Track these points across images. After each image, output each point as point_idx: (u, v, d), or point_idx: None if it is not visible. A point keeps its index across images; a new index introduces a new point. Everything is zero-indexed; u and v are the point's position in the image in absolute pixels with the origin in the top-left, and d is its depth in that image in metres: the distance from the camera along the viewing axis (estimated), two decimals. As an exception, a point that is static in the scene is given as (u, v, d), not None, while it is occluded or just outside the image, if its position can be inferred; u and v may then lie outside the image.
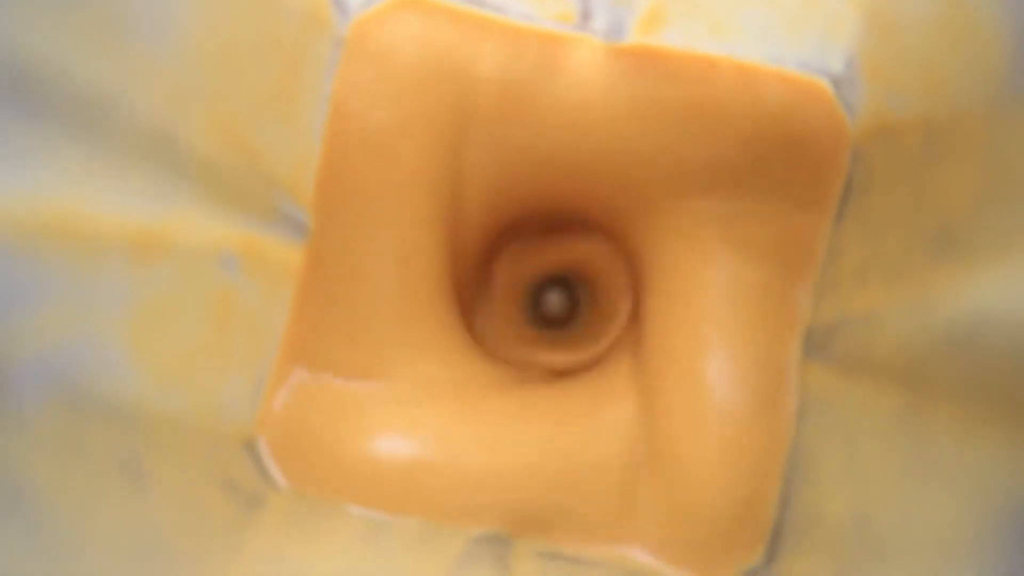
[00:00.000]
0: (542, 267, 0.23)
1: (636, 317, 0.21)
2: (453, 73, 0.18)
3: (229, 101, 0.15)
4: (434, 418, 0.19)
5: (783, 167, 0.18)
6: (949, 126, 0.14)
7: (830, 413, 0.17)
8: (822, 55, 0.17)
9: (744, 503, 0.18)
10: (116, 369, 0.14)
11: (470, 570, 0.16)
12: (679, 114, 0.18)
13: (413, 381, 0.19)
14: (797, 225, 0.18)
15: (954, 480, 0.13)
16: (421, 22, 0.18)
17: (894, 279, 0.15)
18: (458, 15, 0.18)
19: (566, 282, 0.24)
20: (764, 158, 0.18)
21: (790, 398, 0.18)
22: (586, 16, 0.19)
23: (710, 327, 0.19)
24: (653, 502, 0.19)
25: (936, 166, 0.15)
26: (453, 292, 0.20)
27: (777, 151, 0.18)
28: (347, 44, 0.18)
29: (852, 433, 0.16)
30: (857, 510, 0.15)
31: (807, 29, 0.17)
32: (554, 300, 0.24)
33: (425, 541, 0.18)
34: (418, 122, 0.18)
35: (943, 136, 0.15)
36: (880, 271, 0.16)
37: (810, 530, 0.17)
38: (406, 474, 0.18)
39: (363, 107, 0.18)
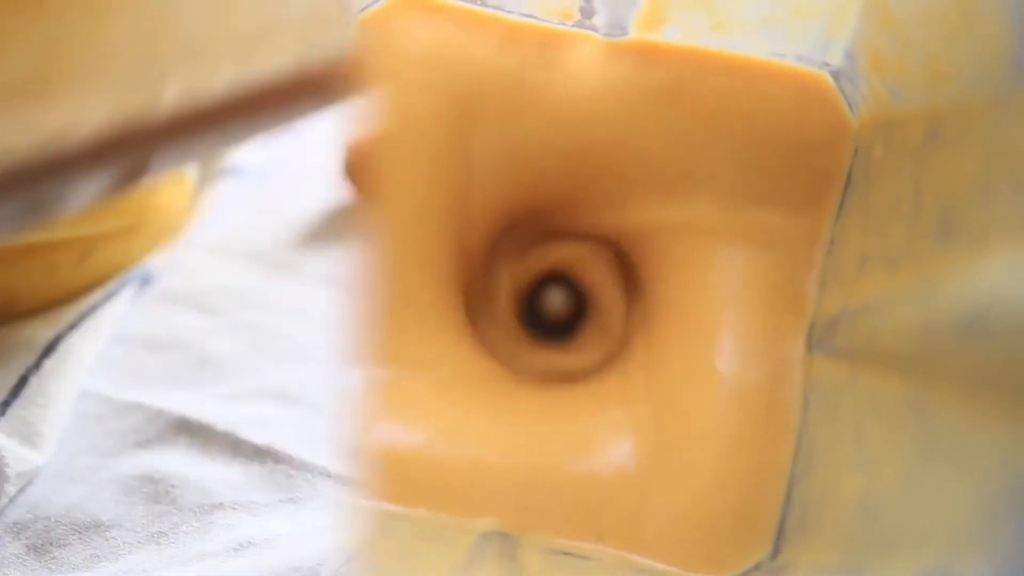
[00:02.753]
0: (542, 271, 0.23)
1: (642, 319, 0.21)
2: (456, 68, 0.18)
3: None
4: (441, 413, 0.19)
5: (785, 160, 0.18)
6: (952, 116, 0.14)
7: (836, 403, 0.17)
8: (822, 49, 0.17)
9: (748, 504, 0.18)
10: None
11: (482, 563, 0.16)
12: (680, 109, 0.18)
13: (419, 377, 0.19)
14: (801, 220, 0.18)
15: (962, 465, 0.13)
16: (425, 19, 0.18)
17: (897, 267, 0.16)
18: (460, 13, 0.19)
19: (565, 287, 0.24)
20: (766, 150, 0.18)
21: (795, 392, 0.18)
22: (587, 13, 0.19)
23: (716, 325, 0.19)
24: (657, 504, 0.19)
25: (937, 155, 0.15)
26: (457, 291, 0.20)
27: (778, 144, 0.18)
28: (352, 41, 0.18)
29: (859, 421, 0.16)
30: (864, 497, 0.15)
31: (807, 23, 0.17)
32: (553, 301, 0.24)
33: (436, 535, 0.18)
34: (424, 115, 0.18)
35: (945, 126, 0.15)
36: (882, 260, 0.16)
37: (817, 519, 0.17)
38: (412, 466, 0.18)
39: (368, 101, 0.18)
